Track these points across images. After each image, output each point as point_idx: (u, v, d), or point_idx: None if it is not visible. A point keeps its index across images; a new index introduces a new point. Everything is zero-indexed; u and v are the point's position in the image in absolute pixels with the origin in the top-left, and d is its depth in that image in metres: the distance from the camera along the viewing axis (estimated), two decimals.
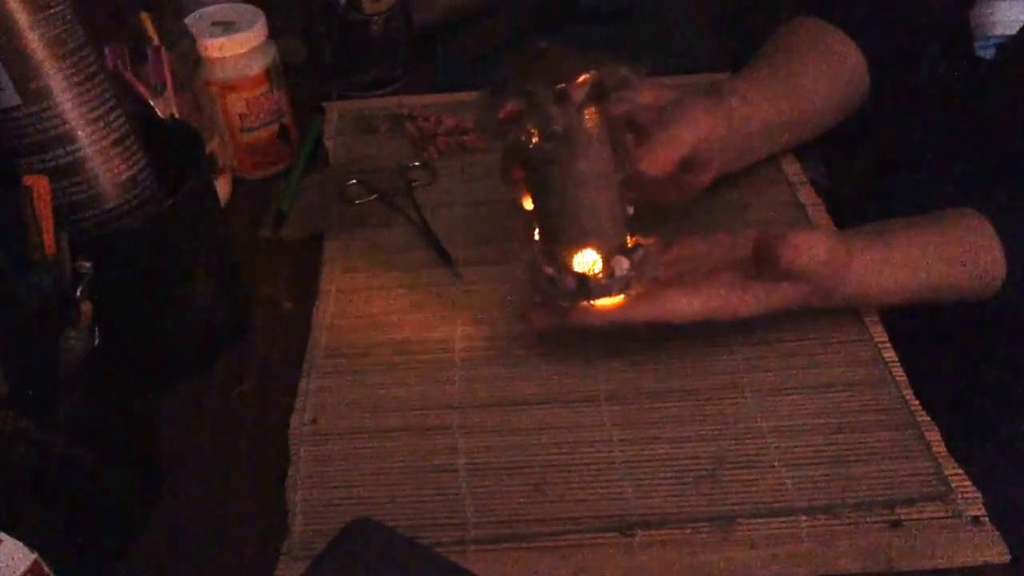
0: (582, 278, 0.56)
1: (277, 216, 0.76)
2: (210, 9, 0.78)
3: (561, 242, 0.56)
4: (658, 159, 0.59)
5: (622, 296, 0.56)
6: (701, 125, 0.62)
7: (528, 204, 0.58)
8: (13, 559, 0.42)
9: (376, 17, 0.87)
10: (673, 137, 0.60)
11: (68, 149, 0.55)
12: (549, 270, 0.56)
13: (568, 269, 0.56)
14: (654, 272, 0.57)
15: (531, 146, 0.54)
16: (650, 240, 0.57)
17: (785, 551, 0.51)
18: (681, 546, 0.52)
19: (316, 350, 0.64)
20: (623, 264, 0.56)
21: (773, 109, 0.69)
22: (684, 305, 0.56)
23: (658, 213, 0.61)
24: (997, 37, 0.68)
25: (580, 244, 0.56)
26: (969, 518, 0.52)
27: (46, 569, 0.44)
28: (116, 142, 0.56)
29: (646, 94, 0.60)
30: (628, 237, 0.57)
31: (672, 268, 0.59)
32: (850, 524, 0.52)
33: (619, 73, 0.53)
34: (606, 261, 0.56)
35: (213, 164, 0.75)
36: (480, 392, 0.61)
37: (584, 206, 0.55)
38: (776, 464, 0.55)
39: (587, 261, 0.56)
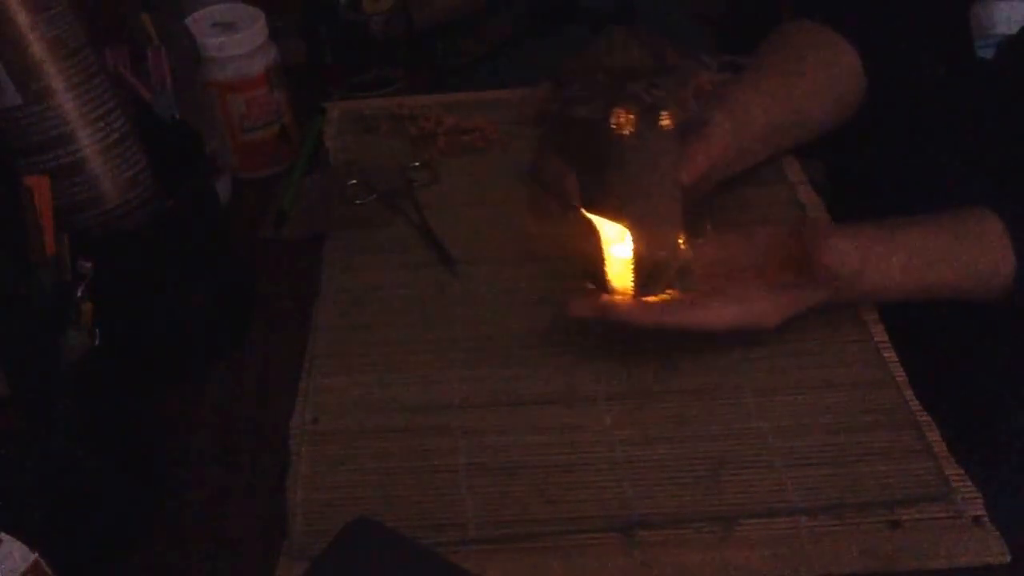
0: (655, 269, 0.58)
1: (277, 216, 0.76)
2: (210, 9, 0.78)
3: (645, 233, 0.57)
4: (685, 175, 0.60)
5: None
6: (716, 146, 0.63)
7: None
8: (13, 559, 0.42)
9: (376, 17, 0.87)
10: (691, 157, 0.61)
11: (69, 149, 0.55)
12: (624, 258, 0.58)
13: (644, 261, 0.58)
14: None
15: (631, 138, 0.54)
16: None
17: (785, 551, 0.51)
18: (682, 546, 0.51)
19: (316, 350, 0.64)
20: (688, 255, 0.58)
21: (772, 113, 0.69)
22: (720, 315, 0.57)
23: None
24: (997, 37, 0.68)
25: (669, 234, 0.58)
26: (969, 518, 0.52)
27: (46, 569, 0.44)
28: (116, 142, 0.57)
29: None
30: None
31: (702, 271, 0.60)
32: (850, 524, 0.52)
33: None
34: (675, 252, 0.58)
35: (213, 164, 0.75)
36: (480, 392, 0.60)
37: (673, 198, 0.57)
38: (776, 464, 0.55)
39: (666, 251, 0.58)
